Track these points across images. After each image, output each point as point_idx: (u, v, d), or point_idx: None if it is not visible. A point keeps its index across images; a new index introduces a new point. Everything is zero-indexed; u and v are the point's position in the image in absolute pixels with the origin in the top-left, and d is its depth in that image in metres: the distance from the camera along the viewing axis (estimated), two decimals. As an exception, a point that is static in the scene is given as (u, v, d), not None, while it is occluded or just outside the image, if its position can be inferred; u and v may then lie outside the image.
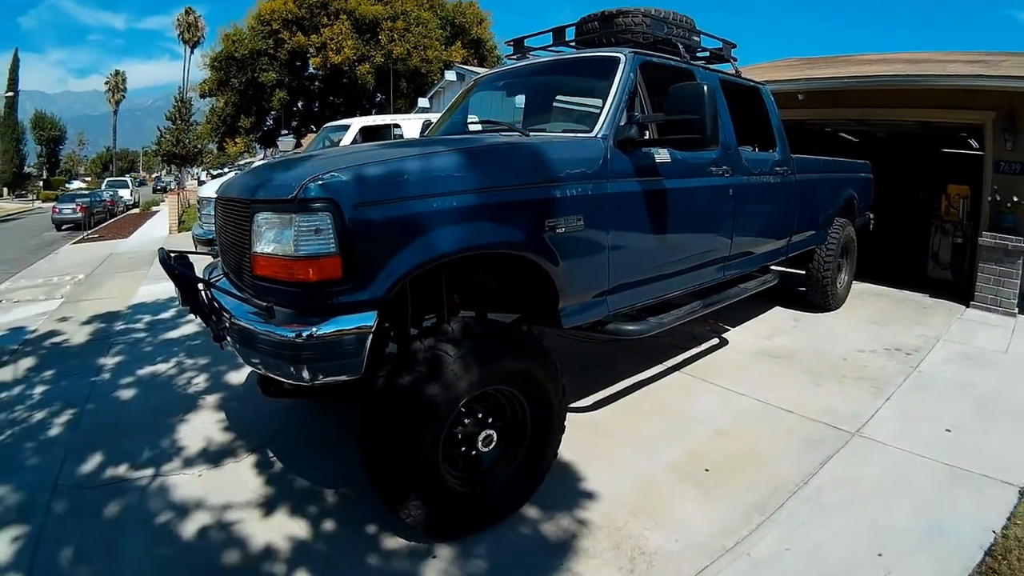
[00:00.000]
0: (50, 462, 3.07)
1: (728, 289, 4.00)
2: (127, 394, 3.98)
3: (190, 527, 2.49)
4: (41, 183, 50.61)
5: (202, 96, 29.43)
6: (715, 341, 4.84)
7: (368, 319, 1.97)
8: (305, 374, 1.93)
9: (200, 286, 2.43)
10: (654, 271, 3.14)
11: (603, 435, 3.23)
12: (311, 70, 28.07)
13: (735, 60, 4.29)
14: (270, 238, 2.01)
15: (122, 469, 2.98)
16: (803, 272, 5.44)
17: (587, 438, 3.16)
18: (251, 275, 2.13)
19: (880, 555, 2.27)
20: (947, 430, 3.22)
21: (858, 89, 6.27)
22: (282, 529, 2.46)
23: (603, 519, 2.51)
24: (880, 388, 3.80)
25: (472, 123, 3.74)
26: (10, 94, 49.44)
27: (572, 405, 3.54)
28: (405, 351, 2.18)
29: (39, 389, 4.13)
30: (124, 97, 61.53)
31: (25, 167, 54.00)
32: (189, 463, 3.02)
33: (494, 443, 2.37)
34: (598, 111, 2.91)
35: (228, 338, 2.22)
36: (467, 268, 2.51)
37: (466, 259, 2.25)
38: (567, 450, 2.95)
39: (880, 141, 7.92)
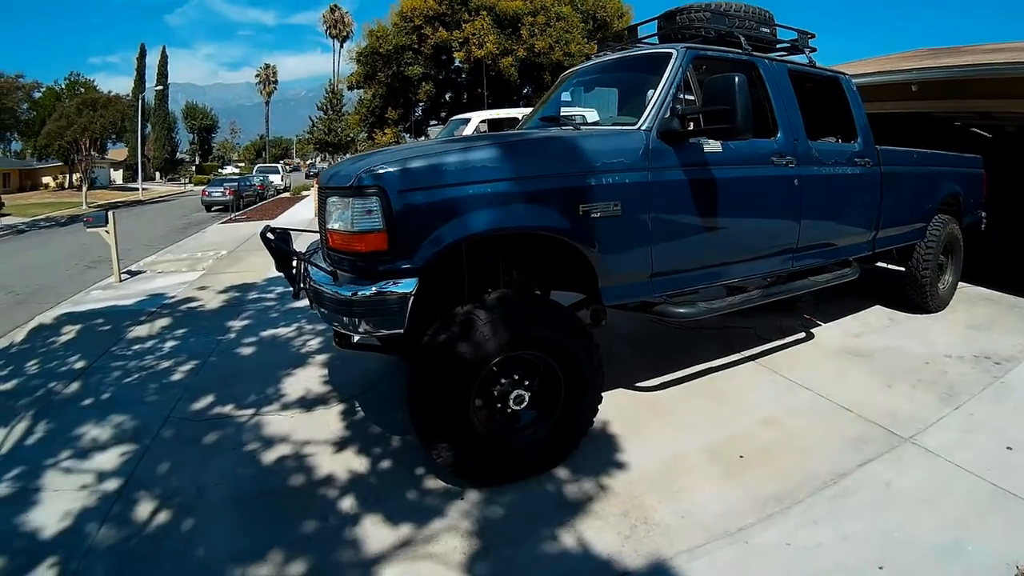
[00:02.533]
0: (168, 399, 3.80)
1: (796, 281, 3.92)
2: (247, 351, 4.74)
3: (271, 455, 3.06)
4: (193, 168, 56.95)
5: (350, 88, 31.12)
6: (801, 335, 4.74)
7: (409, 285, 2.36)
8: (358, 326, 2.39)
9: (293, 260, 2.98)
10: (706, 258, 3.22)
11: (656, 413, 3.38)
12: (456, 63, 28.96)
13: (812, 50, 4.16)
14: (336, 216, 2.50)
15: (228, 408, 3.65)
16: (901, 269, 5.12)
17: (640, 414, 3.33)
18: (326, 246, 2.67)
19: (881, 568, 2.22)
20: (1008, 448, 3.00)
21: (968, 79, 5.70)
22: (346, 463, 2.94)
23: (623, 488, 2.70)
24: (953, 395, 3.57)
25: (545, 118, 4.01)
26: (160, 87, 56.08)
27: (640, 384, 3.75)
28: (447, 315, 2.53)
29: (170, 344, 5.00)
30: (276, 89, 66.63)
31: (177, 154, 60.64)
32: (285, 407, 3.63)
33: (525, 403, 2.64)
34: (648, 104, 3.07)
35: (308, 298, 2.76)
36: (521, 248, 2.83)
37: (519, 239, 2.65)
38: (617, 423, 3.23)
39: (1011, 136, 7.08)
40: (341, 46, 48.50)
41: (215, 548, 2.40)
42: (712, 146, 3.12)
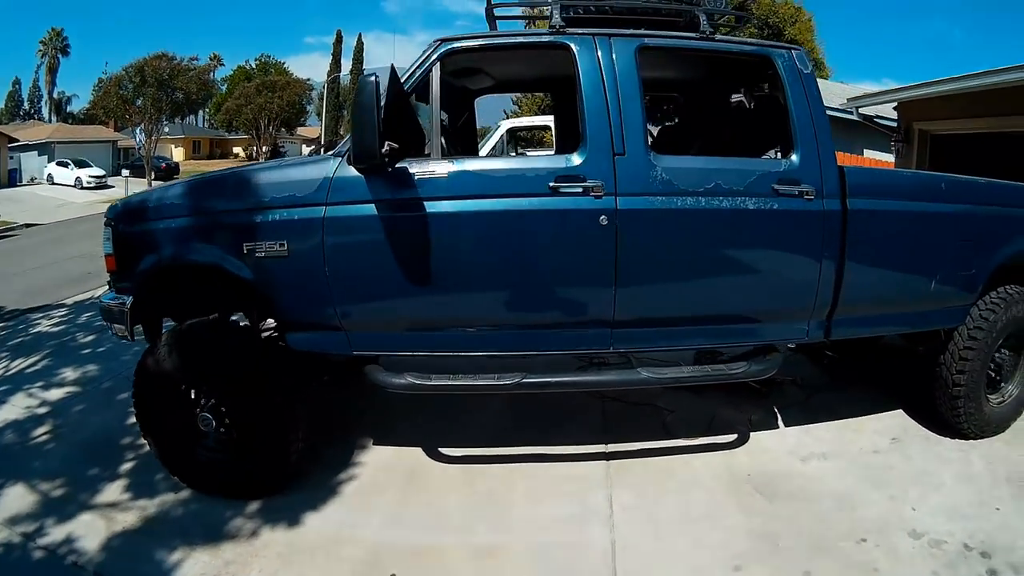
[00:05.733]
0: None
1: (617, 369, 2.87)
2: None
3: None
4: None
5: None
6: (729, 438, 3.37)
7: (126, 300, 2.70)
8: (111, 328, 2.84)
9: None
10: (429, 317, 2.63)
11: (409, 484, 2.86)
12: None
13: (737, 27, 2.92)
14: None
15: None
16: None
17: (393, 480, 2.87)
18: None
19: None
20: None
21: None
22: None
23: (267, 540, 2.45)
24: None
25: None
26: (348, 73, 60.93)
27: (445, 448, 3.13)
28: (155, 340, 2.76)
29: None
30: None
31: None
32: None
33: (213, 426, 2.63)
34: None
35: None
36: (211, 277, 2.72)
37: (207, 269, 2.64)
38: (366, 479, 2.89)
39: None
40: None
41: None
42: (429, 169, 2.46)
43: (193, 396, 2.67)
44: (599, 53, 2.58)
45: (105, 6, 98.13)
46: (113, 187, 28.18)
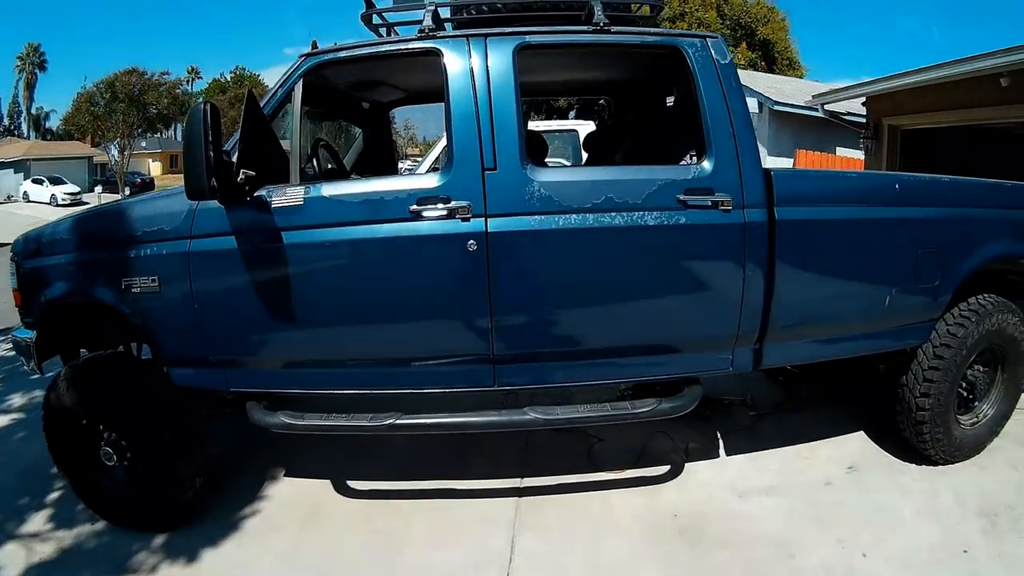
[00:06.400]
0: None
1: (501, 409, 2.46)
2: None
3: None
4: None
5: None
6: (660, 470, 2.93)
7: (30, 334, 2.67)
8: (25, 361, 2.74)
9: None
10: (299, 354, 2.49)
11: (310, 520, 2.66)
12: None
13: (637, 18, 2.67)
14: None
15: None
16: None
17: (299, 515, 2.69)
18: None
19: None
20: None
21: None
22: None
23: (180, 573, 2.36)
24: None
25: None
26: None
27: (354, 482, 2.91)
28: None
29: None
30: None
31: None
32: None
33: (115, 459, 2.53)
34: None
35: None
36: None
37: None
38: (271, 512, 2.74)
39: None
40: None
41: None
42: (285, 199, 2.26)
43: (96, 430, 2.57)
44: (472, 56, 2.30)
45: (84, 19, 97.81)
46: (88, 203, 27.66)
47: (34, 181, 30.22)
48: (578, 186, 2.30)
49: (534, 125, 8.12)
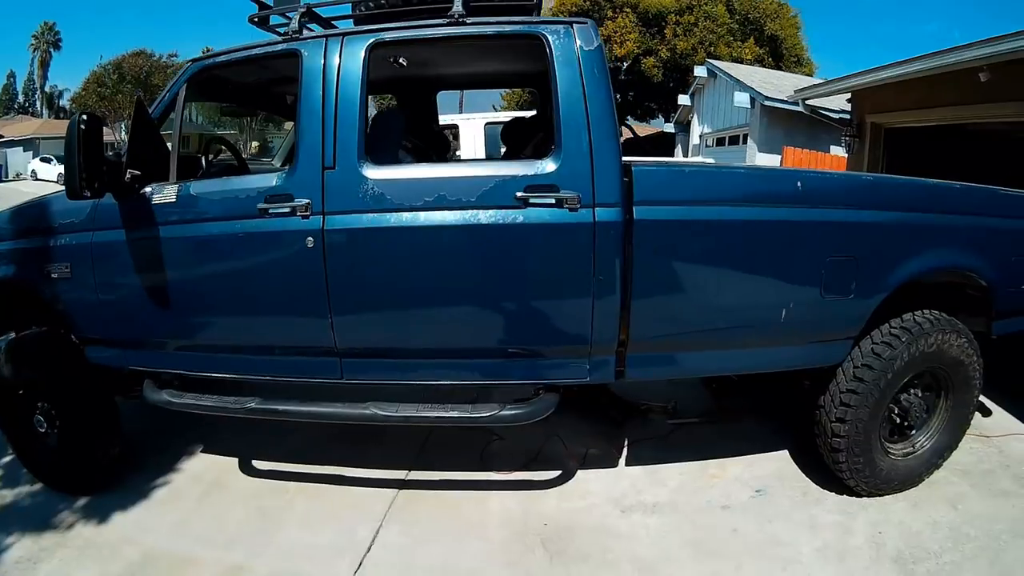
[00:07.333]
0: None
1: (347, 402, 2.44)
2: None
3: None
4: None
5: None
6: (548, 475, 2.75)
7: None
8: None
9: None
10: (176, 338, 2.63)
11: (215, 491, 2.79)
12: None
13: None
14: None
15: None
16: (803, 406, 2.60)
17: (195, 487, 2.82)
18: None
19: None
20: None
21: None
22: None
23: (89, 532, 2.50)
24: None
25: None
26: None
27: (262, 463, 2.98)
28: None
29: None
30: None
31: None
32: None
33: (45, 427, 2.70)
34: None
35: None
36: None
37: None
38: (166, 487, 2.84)
39: None
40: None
41: None
42: (162, 196, 2.40)
43: (31, 400, 2.75)
44: (326, 57, 2.32)
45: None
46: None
47: (42, 160, 29.75)
48: (410, 184, 2.25)
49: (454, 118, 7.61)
